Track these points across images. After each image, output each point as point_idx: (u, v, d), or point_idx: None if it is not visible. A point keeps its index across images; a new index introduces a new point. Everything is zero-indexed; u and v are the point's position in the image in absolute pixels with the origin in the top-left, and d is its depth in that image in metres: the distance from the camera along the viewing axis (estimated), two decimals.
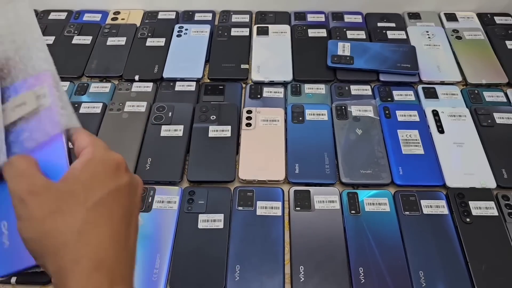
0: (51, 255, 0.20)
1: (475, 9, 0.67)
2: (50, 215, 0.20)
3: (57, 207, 0.20)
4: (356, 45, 0.59)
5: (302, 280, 0.39)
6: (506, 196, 0.45)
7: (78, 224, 0.20)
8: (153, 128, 0.52)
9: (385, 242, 0.42)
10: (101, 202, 0.21)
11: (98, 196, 0.21)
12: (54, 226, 0.20)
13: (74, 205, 0.21)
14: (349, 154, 0.49)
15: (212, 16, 0.67)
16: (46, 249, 0.20)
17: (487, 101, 0.55)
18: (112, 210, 0.22)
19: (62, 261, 0.20)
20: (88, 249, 0.20)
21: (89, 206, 0.21)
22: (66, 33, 0.64)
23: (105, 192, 0.21)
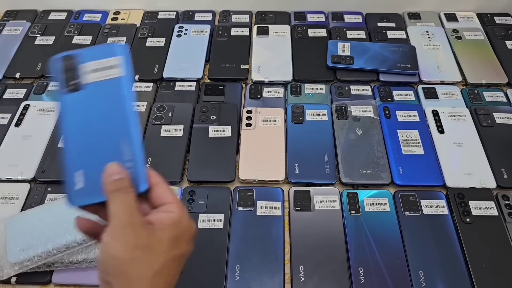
0: (119, 277, 0.23)
1: (475, 9, 0.67)
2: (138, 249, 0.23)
3: (146, 245, 0.23)
4: (356, 45, 0.59)
5: (302, 280, 0.39)
6: (506, 196, 0.45)
7: (156, 267, 0.23)
8: (153, 128, 0.52)
9: (385, 242, 0.42)
10: (173, 260, 0.24)
11: (174, 255, 0.24)
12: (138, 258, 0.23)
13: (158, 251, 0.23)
14: (349, 154, 0.49)
15: (212, 16, 0.67)
16: (118, 273, 0.23)
17: (487, 101, 0.55)
18: (176, 269, 0.25)
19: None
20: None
21: (167, 258, 0.24)
22: (66, 33, 0.64)
23: (178, 254, 0.24)
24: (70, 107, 0.26)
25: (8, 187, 0.47)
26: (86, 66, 0.27)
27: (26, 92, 0.57)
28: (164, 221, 0.24)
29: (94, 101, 0.26)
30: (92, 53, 0.27)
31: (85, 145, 0.26)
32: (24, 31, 0.65)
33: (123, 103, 0.26)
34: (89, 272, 0.40)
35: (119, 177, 0.24)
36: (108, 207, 0.24)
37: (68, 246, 0.38)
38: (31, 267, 0.38)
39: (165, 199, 0.25)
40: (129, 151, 0.25)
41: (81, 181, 0.25)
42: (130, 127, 0.26)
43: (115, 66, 0.26)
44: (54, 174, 0.47)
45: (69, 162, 0.26)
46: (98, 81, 0.26)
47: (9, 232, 0.39)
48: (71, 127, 0.26)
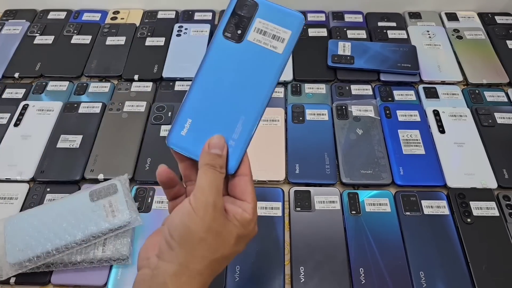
0: (184, 248, 0.23)
1: (475, 8, 0.67)
2: (211, 232, 0.24)
3: (218, 232, 0.24)
4: (357, 45, 0.59)
5: (302, 280, 0.39)
6: (507, 196, 0.45)
7: (218, 255, 0.24)
8: (152, 128, 0.51)
9: (386, 242, 0.41)
10: (231, 254, 0.25)
11: (233, 250, 0.25)
12: (208, 239, 0.23)
13: (225, 242, 0.24)
14: (349, 154, 0.48)
15: (212, 15, 0.67)
16: (185, 244, 0.23)
17: (488, 101, 0.55)
18: (226, 263, 0.26)
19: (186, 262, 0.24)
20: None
21: (229, 251, 0.25)
22: (65, 32, 0.64)
23: (236, 250, 0.26)
24: (220, 54, 0.25)
25: (7, 187, 0.47)
26: (259, 22, 0.25)
27: (25, 92, 0.57)
28: (238, 218, 0.25)
29: (242, 63, 0.25)
30: (272, 11, 0.25)
31: (210, 99, 0.25)
32: (23, 31, 0.65)
33: (265, 84, 0.25)
34: (88, 272, 0.40)
35: (218, 153, 0.24)
36: (198, 177, 0.24)
37: (68, 246, 0.38)
38: (30, 267, 0.38)
39: (246, 196, 0.25)
40: (242, 131, 0.25)
41: (186, 130, 0.25)
42: (258, 110, 0.25)
43: (281, 40, 0.25)
44: (53, 174, 0.47)
45: (188, 106, 0.25)
46: (257, 45, 0.25)
47: (8, 233, 0.39)
48: (209, 74, 0.25)
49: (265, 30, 0.25)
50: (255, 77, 0.25)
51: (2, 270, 0.38)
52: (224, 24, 0.25)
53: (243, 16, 0.25)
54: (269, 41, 0.25)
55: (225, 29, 0.25)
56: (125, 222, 0.39)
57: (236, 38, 0.25)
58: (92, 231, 0.39)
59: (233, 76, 0.25)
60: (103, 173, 0.47)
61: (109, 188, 0.42)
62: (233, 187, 0.26)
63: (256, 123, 0.25)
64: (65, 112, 0.53)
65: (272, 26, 0.25)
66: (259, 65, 0.25)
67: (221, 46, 0.25)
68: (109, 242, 0.40)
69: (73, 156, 0.49)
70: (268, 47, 0.25)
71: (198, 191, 0.24)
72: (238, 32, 0.25)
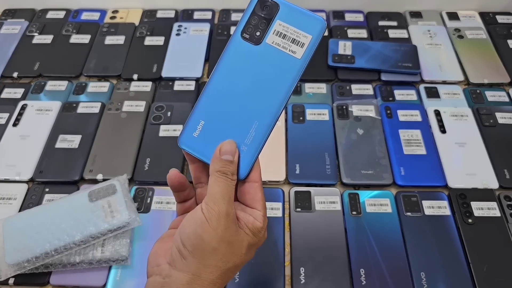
0: (196, 257, 0.23)
1: (477, 8, 0.67)
2: (224, 242, 0.23)
3: (230, 241, 0.24)
4: (357, 44, 0.59)
5: (302, 281, 0.39)
6: (508, 196, 0.45)
7: (230, 264, 0.24)
8: (152, 128, 0.51)
9: (387, 243, 0.41)
10: (242, 263, 0.25)
11: (244, 259, 0.25)
12: (220, 249, 0.23)
13: (237, 251, 0.24)
14: (350, 154, 0.48)
15: (212, 14, 0.67)
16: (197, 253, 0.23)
17: (489, 101, 0.54)
18: (237, 271, 0.26)
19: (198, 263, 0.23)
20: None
21: (240, 260, 0.25)
22: (64, 32, 0.63)
23: (246, 259, 0.25)
24: (237, 55, 0.25)
25: (5, 187, 0.46)
26: (280, 25, 0.24)
27: (24, 91, 0.56)
28: (249, 226, 0.25)
29: (259, 66, 0.24)
30: (294, 13, 0.24)
31: (224, 102, 0.25)
32: (22, 30, 0.64)
33: (282, 89, 0.24)
34: (87, 273, 0.39)
35: (230, 159, 0.24)
36: (210, 184, 0.24)
37: (66, 247, 0.38)
38: (29, 268, 0.38)
39: (256, 203, 0.25)
40: (255, 136, 0.24)
41: (199, 131, 0.25)
42: (272, 116, 0.24)
43: (301, 44, 0.24)
44: (52, 174, 0.47)
45: (202, 106, 0.25)
46: (276, 48, 0.24)
47: (7, 233, 0.39)
48: (224, 75, 0.25)
49: (285, 33, 0.24)
50: (271, 82, 0.24)
51: (1, 271, 0.38)
52: (243, 25, 0.25)
53: (263, 17, 0.25)
54: (288, 45, 0.24)
55: (243, 30, 0.25)
56: (124, 222, 0.39)
57: (255, 40, 0.25)
58: (91, 232, 0.38)
59: (249, 79, 0.25)
60: (102, 173, 0.47)
61: (108, 188, 0.42)
62: (242, 194, 0.26)
63: (270, 129, 0.25)
64: (64, 112, 0.53)
65: (293, 30, 0.24)
66: (276, 69, 0.24)
67: (239, 47, 0.25)
68: (108, 243, 0.39)
69: (72, 156, 0.48)
70: (286, 51, 0.24)
71: (210, 200, 0.23)
72: (257, 34, 0.25)
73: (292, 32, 0.24)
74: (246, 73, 0.25)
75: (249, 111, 0.24)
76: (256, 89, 0.24)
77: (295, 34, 0.24)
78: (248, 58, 0.25)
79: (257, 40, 0.25)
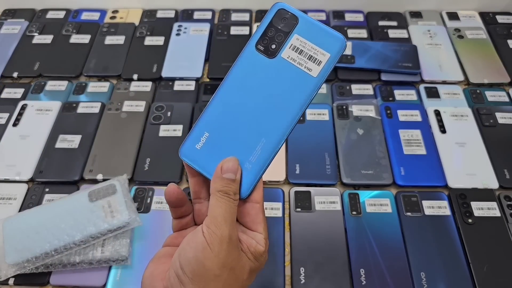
0: (197, 284, 0.22)
1: (477, 8, 0.67)
2: (226, 268, 0.22)
3: (232, 267, 0.23)
4: (357, 44, 0.59)
5: (302, 282, 0.39)
6: (508, 196, 0.45)
7: (240, 285, 0.23)
8: (151, 128, 0.51)
9: (387, 243, 0.41)
10: (243, 287, 0.24)
11: (246, 284, 0.24)
12: (222, 276, 0.22)
13: (239, 277, 0.23)
14: (350, 154, 0.48)
15: (212, 14, 0.67)
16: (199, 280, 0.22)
17: (489, 101, 0.54)
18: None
19: None
20: None
21: (242, 286, 0.23)
22: (64, 32, 0.63)
23: (248, 284, 0.24)
24: (249, 67, 0.23)
25: (5, 187, 0.46)
26: (297, 39, 0.23)
27: (24, 91, 0.56)
28: (251, 250, 0.24)
29: (271, 80, 0.23)
30: (313, 29, 0.23)
31: (232, 115, 0.23)
32: (22, 30, 0.64)
33: (293, 107, 0.23)
34: (87, 273, 0.39)
35: (231, 178, 0.23)
36: (211, 205, 0.23)
37: (66, 247, 0.38)
38: (29, 268, 0.38)
39: (257, 225, 0.24)
40: (260, 154, 0.23)
41: (202, 143, 0.23)
42: (281, 134, 0.23)
43: (318, 62, 0.23)
44: (52, 174, 0.47)
45: (207, 118, 0.23)
46: (291, 63, 0.23)
47: (7, 233, 0.39)
48: (234, 87, 0.23)
49: (302, 49, 0.23)
50: (283, 98, 0.23)
51: (1, 271, 0.38)
52: (258, 36, 0.24)
53: (280, 29, 0.23)
54: (305, 61, 0.23)
55: (258, 42, 0.23)
56: (124, 222, 0.39)
57: (269, 53, 0.23)
58: (91, 232, 0.38)
59: (260, 93, 0.23)
60: (102, 173, 0.47)
61: (108, 188, 0.42)
62: (243, 214, 0.24)
63: (277, 148, 0.23)
64: (64, 112, 0.53)
65: (310, 46, 0.23)
66: (289, 86, 0.23)
67: (252, 59, 0.24)
68: (108, 243, 0.39)
69: (72, 156, 0.48)
70: (302, 68, 0.23)
71: (212, 222, 0.22)
72: (272, 47, 0.23)
73: (309, 48, 0.23)
74: (257, 87, 0.23)
75: (257, 127, 0.23)
76: (266, 105, 0.23)
77: (312, 50, 0.23)
78: (261, 72, 0.23)
79: (272, 53, 0.23)
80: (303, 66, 0.23)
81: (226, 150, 0.23)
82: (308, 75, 0.23)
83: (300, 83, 0.23)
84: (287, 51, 0.23)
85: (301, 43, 0.23)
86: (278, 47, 0.23)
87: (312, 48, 0.23)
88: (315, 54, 0.23)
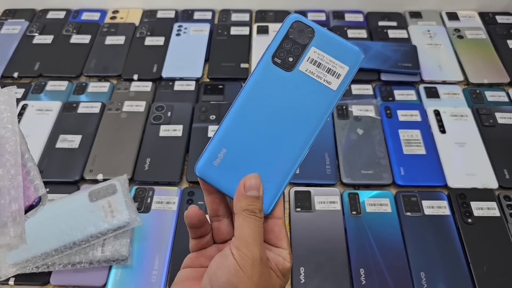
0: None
1: (476, 8, 0.67)
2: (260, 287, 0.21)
3: (265, 286, 0.22)
4: (357, 44, 0.59)
5: (302, 281, 0.39)
6: (507, 196, 0.45)
7: None
8: (152, 128, 0.51)
9: (386, 243, 0.41)
10: None
11: None
12: None
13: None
14: (350, 154, 0.48)
15: (212, 15, 0.67)
16: None
17: (488, 101, 0.55)
18: None
19: None
20: None
21: None
22: (64, 32, 0.63)
23: None
24: (266, 80, 0.23)
25: None
26: (314, 52, 0.23)
27: (24, 91, 0.57)
28: (280, 268, 0.23)
29: (290, 94, 0.23)
30: (330, 41, 0.23)
31: (250, 130, 0.23)
32: (22, 30, 0.64)
33: (313, 120, 0.22)
34: (87, 273, 0.39)
35: (256, 195, 0.22)
36: (239, 225, 0.22)
37: (67, 247, 0.38)
38: (29, 268, 0.38)
39: (282, 241, 0.23)
40: (281, 170, 0.22)
41: (219, 160, 0.23)
42: (301, 148, 0.22)
43: (337, 75, 0.23)
44: (52, 174, 0.47)
45: (224, 133, 0.23)
46: (308, 76, 0.23)
47: None
48: (251, 101, 0.23)
49: (320, 62, 0.23)
50: (302, 112, 0.23)
51: (1, 271, 0.38)
52: (275, 48, 0.23)
53: (296, 42, 0.23)
54: (324, 74, 0.23)
55: (274, 54, 0.23)
56: (124, 222, 0.39)
57: (287, 66, 0.23)
58: (91, 232, 0.38)
59: (278, 107, 0.23)
60: (102, 173, 0.47)
61: (108, 188, 0.42)
62: (266, 232, 0.23)
63: (298, 162, 0.23)
64: (64, 112, 0.53)
65: (328, 59, 0.23)
66: (309, 99, 0.23)
67: (269, 72, 0.23)
68: (108, 243, 0.39)
69: (72, 156, 0.48)
70: (321, 81, 0.23)
71: (242, 244, 0.21)
72: (290, 60, 0.23)
73: (328, 61, 0.23)
74: (275, 100, 0.23)
75: (276, 142, 0.23)
76: (285, 119, 0.23)
77: (331, 63, 0.23)
78: (278, 85, 0.23)
79: (289, 66, 0.23)
80: (322, 79, 0.23)
81: (246, 167, 0.22)
82: (328, 88, 0.23)
83: (320, 97, 0.23)
84: (305, 64, 0.23)
85: (319, 56, 0.23)
86: (296, 60, 0.23)
87: (331, 61, 0.23)
88: (334, 67, 0.23)
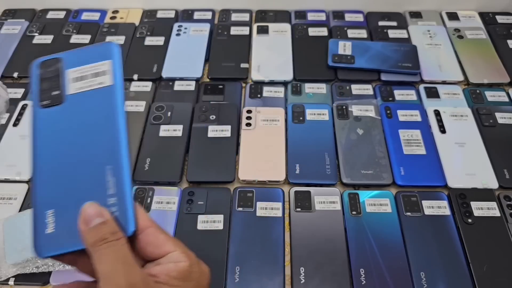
0: None
1: (476, 8, 0.67)
2: None
3: None
4: (357, 44, 0.59)
5: (302, 281, 0.39)
6: (508, 196, 0.45)
7: None
8: (152, 128, 0.51)
9: (386, 243, 0.41)
10: None
11: None
12: None
13: None
14: (350, 154, 0.48)
15: (212, 14, 0.67)
16: None
17: (489, 101, 0.55)
18: None
19: None
20: None
21: None
22: (64, 32, 0.63)
23: None
24: (48, 126, 0.22)
25: (6, 187, 0.46)
26: (72, 72, 0.23)
27: (24, 91, 0.56)
28: (174, 275, 0.20)
29: (78, 118, 0.22)
30: (78, 55, 0.23)
31: (60, 176, 0.21)
32: (22, 30, 0.64)
33: (111, 120, 0.22)
34: None
35: (101, 221, 0.19)
36: (95, 266, 0.19)
37: None
38: (29, 268, 0.38)
39: (164, 246, 0.21)
40: (115, 182, 0.21)
41: (52, 224, 0.20)
42: (119, 151, 0.21)
43: (104, 73, 0.23)
44: None
45: (39, 197, 0.21)
46: (82, 92, 0.23)
47: (7, 233, 0.39)
48: (44, 152, 0.22)
49: (82, 75, 0.23)
50: (100, 122, 0.22)
51: (1, 271, 0.38)
52: (37, 95, 0.23)
53: (51, 78, 0.23)
54: (92, 81, 0.23)
55: (40, 100, 0.23)
56: None
57: (57, 100, 0.23)
58: None
59: (75, 137, 0.22)
60: None
61: None
62: (143, 248, 0.21)
63: (128, 163, 0.21)
64: None
65: (87, 68, 0.23)
66: (97, 108, 0.22)
67: (45, 118, 0.22)
68: None
69: None
70: (95, 87, 0.23)
71: (105, 283, 0.18)
72: (56, 94, 0.23)
73: (88, 69, 0.23)
74: (69, 133, 0.22)
75: (93, 164, 0.21)
76: (90, 141, 0.22)
77: (92, 69, 0.23)
78: (62, 119, 0.22)
79: (59, 99, 0.23)
80: (95, 85, 0.23)
81: (79, 207, 0.20)
82: (105, 87, 0.23)
83: (104, 98, 0.22)
84: (71, 86, 0.23)
85: (78, 71, 0.23)
86: (61, 90, 0.23)
87: (91, 68, 0.23)
88: (97, 69, 0.23)
